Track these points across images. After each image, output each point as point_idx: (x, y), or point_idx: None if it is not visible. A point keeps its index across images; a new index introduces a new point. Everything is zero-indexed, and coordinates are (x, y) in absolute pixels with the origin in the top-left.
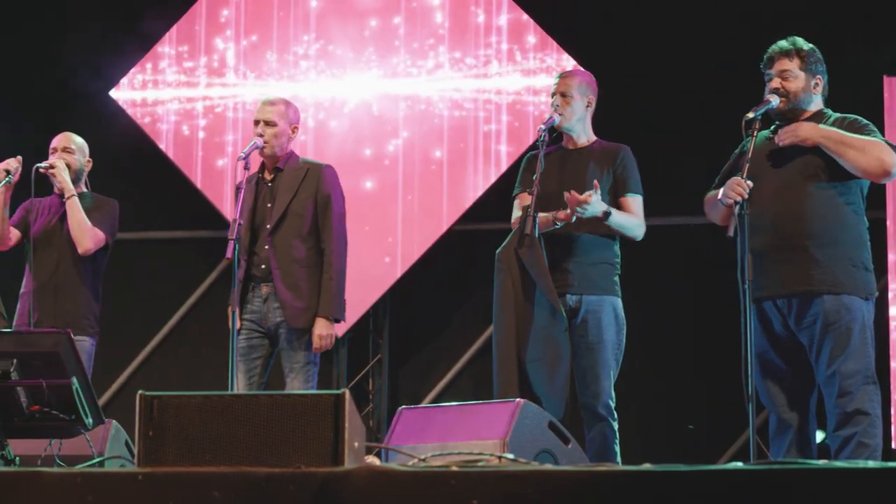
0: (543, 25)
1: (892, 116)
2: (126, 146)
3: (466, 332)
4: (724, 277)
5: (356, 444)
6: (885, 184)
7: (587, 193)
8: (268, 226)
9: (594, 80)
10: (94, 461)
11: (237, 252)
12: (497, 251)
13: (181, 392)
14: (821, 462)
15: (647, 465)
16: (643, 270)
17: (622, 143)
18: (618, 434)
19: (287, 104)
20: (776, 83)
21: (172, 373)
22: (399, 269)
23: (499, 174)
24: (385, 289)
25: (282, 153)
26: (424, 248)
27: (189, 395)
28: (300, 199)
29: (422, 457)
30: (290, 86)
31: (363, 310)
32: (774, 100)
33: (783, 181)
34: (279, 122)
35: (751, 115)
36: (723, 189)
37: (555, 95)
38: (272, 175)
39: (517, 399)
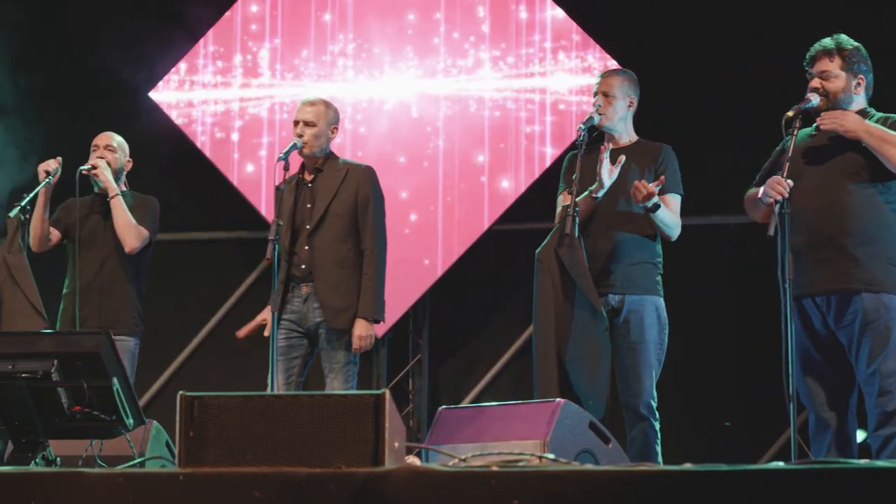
0: (582, 23)
1: None
2: (166, 147)
3: (506, 332)
4: (765, 276)
5: (396, 445)
6: None
7: (654, 184)
8: (308, 226)
9: (636, 80)
10: (135, 461)
11: (277, 253)
12: (537, 251)
13: (222, 392)
14: (862, 462)
15: (689, 465)
16: (684, 270)
17: (664, 143)
18: (659, 434)
19: (327, 104)
20: (816, 83)
21: (213, 373)
22: (439, 269)
23: (539, 174)
24: (425, 289)
25: (321, 154)
26: (464, 248)
27: (230, 396)
28: (340, 200)
29: (462, 457)
30: (328, 86)
31: (403, 310)
32: (814, 99)
33: (823, 179)
34: (318, 123)
35: (791, 114)
36: (763, 188)
37: (597, 95)
38: (312, 176)
39: (557, 399)
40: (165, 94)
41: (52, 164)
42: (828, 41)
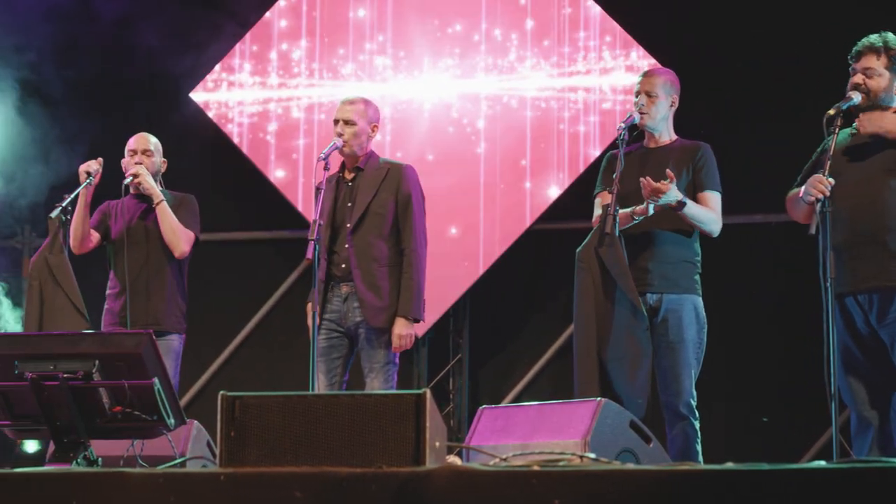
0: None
1: None
2: (206, 147)
3: (546, 332)
4: (807, 275)
5: (437, 444)
6: None
7: (663, 181)
8: (348, 225)
9: (677, 79)
10: (176, 462)
11: (317, 252)
12: (577, 250)
13: (263, 392)
14: None
15: (730, 464)
16: (724, 268)
17: (702, 142)
18: (699, 433)
19: (367, 103)
20: (858, 79)
21: (253, 373)
22: (480, 269)
23: (579, 173)
24: (465, 288)
25: (361, 152)
26: (505, 248)
27: (270, 396)
28: (380, 199)
29: (503, 456)
30: (367, 85)
31: (443, 310)
32: (855, 96)
33: (863, 176)
34: (358, 121)
35: (832, 113)
36: (805, 186)
37: (639, 94)
38: (353, 174)
39: (598, 398)
40: (205, 95)
41: (93, 165)
42: (875, 38)
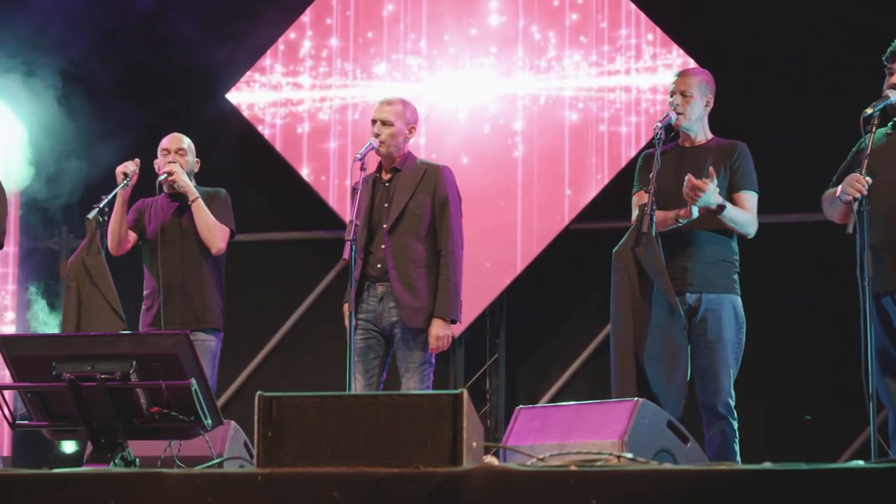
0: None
1: None
2: (242, 145)
3: (583, 332)
4: (843, 274)
5: (474, 444)
6: None
7: (704, 180)
8: (384, 225)
9: (712, 79)
10: (214, 462)
11: (354, 252)
12: (614, 250)
13: (300, 393)
14: None
15: (767, 464)
16: (762, 268)
17: (738, 141)
18: (738, 433)
19: (405, 104)
20: (895, 79)
21: (290, 373)
22: (518, 267)
23: (616, 173)
24: (502, 288)
25: (398, 153)
26: (541, 248)
27: (308, 396)
28: (417, 200)
29: (540, 456)
30: (402, 86)
31: (480, 310)
32: (892, 95)
33: None
34: (396, 122)
35: (869, 111)
36: (841, 186)
37: (674, 94)
38: (389, 175)
39: (635, 398)
40: (240, 95)
41: (130, 166)
42: None
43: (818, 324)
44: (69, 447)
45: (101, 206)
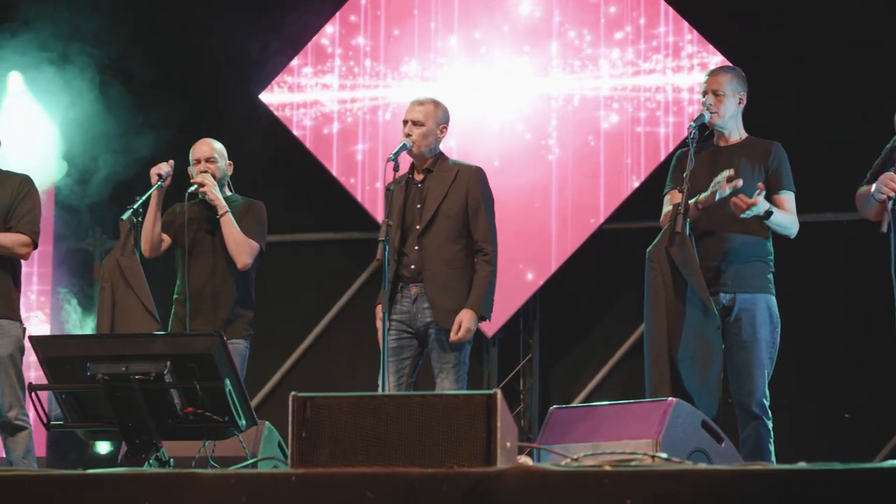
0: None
1: None
2: (274, 148)
3: (617, 331)
4: (877, 273)
5: (508, 444)
6: None
7: (755, 198)
8: (417, 227)
9: (744, 77)
10: (248, 462)
11: (387, 253)
12: (648, 249)
13: (334, 393)
14: None
15: (802, 464)
16: (797, 267)
17: (773, 140)
18: (772, 433)
19: (436, 104)
20: None
21: (324, 374)
22: (552, 267)
23: (650, 172)
24: (536, 288)
25: (430, 154)
26: (575, 248)
27: (341, 396)
28: (450, 201)
29: (574, 456)
30: (434, 86)
31: (514, 309)
32: None
33: None
34: (427, 122)
35: None
36: (875, 184)
37: (706, 94)
38: (422, 176)
39: (670, 398)
40: (275, 96)
41: (164, 168)
42: None
43: (853, 323)
44: (104, 448)
45: (135, 207)
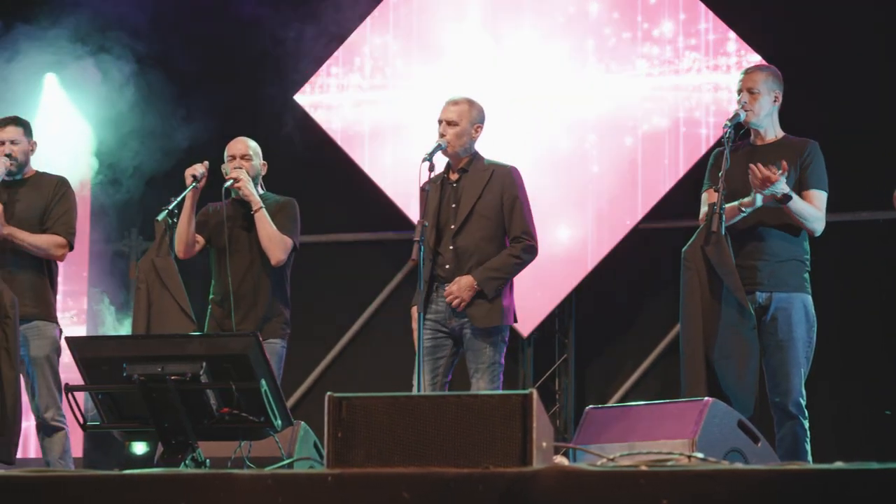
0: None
1: None
2: (310, 148)
3: (653, 331)
4: None
5: (544, 445)
6: None
7: (773, 168)
8: (452, 226)
9: (780, 75)
10: (284, 462)
11: (422, 252)
12: (684, 249)
13: (369, 393)
14: None
15: (839, 464)
16: (831, 266)
17: (810, 139)
18: (808, 432)
19: (471, 103)
20: None
21: (360, 374)
22: (588, 267)
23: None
24: (571, 288)
25: (465, 153)
26: (611, 247)
27: (377, 397)
28: (485, 201)
29: (610, 456)
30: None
31: (549, 309)
32: None
33: None
34: (461, 122)
35: None
36: None
37: (741, 92)
38: (457, 175)
39: (706, 398)
40: (310, 97)
41: (199, 169)
42: None
43: (888, 321)
44: (140, 448)
45: (170, 208)
